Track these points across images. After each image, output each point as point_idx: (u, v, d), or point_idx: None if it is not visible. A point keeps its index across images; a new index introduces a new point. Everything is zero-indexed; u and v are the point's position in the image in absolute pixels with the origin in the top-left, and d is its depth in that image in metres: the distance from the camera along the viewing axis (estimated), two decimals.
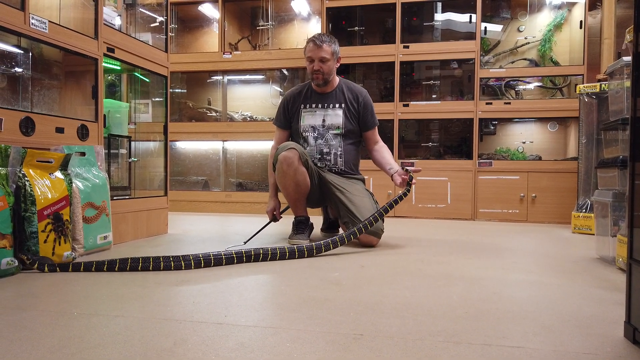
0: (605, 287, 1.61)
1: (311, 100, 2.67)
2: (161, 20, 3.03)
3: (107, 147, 2.52)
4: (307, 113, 2.66)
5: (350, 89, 2.67)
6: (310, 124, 2.64)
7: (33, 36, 1.96)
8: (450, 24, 4.33)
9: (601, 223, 2.17)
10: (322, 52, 2.53)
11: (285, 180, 2.45)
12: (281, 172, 2.44)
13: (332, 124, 2.62)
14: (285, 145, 2.46)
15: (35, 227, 1.75)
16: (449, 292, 1.50)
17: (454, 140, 4.42)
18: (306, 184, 2.48)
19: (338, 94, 2.66)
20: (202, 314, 1.23)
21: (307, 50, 2.59)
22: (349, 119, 2.62)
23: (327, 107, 2.64)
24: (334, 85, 2.66)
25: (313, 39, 2.57)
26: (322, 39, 2.55)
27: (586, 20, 3.92)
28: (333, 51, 2.56)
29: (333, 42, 2.58)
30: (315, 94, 2.67)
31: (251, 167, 4.79)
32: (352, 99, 2.64)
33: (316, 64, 2.55)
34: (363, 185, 2.66)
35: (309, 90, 2.69)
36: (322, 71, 2.55)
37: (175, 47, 4.92)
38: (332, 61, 2.57)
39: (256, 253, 1.94)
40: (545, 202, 3.90)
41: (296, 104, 2.69)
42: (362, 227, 2.24)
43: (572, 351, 1.00)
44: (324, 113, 2.63)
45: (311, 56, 2.56)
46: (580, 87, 3.25)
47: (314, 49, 2.55)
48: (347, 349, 1.00)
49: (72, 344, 1.01)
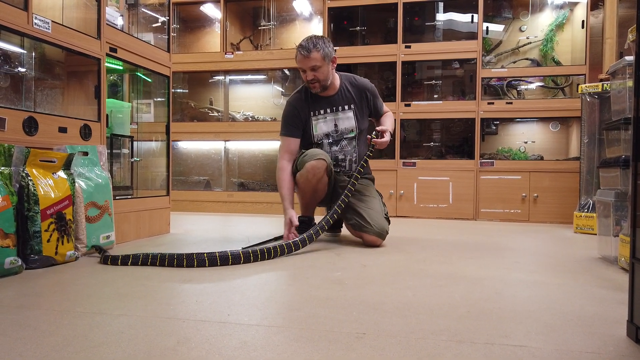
0: (608, 287, 1.61)
1: (319, 106, 2.54)
2: (163, 20, 3.04)
3: (110, 147, 2.52)
4: (318, 121, 2.54)
5: (353, 85, 2.58)
6: (324, 131, 2.54)
7: (36, 36, 1.96)
8: (452, 24, 4.33)
9: (603, 223, 2.17)
10: (311, 60, 2.38)
11: (306, 187, 2.42)
12: (304, 179, 2.39)
13: (345, 128, 2.54)
14: (315, 154, 2.37)
15: (38, 226, 1.75)
16: (451, 291, 1.50)
17: (455, 140, 4.42)
18: (324, 192, 2.49)
19: (344, 93, 2.55)
20: (205, 312, 1.24)
21: (297, 60, 2.44)
22: (361, 118, 2.57)
23: (337, 111, 2.54)
24: (336, 87, 2.54)
25: (299, 47, 2.41)
26: (309, 47, 2.37)
27: (588, 19, 3.92)
28: (323, 55, 2.39)
29: (322, 45, 2.39)
30: (321, 98, 2.55)
31: (253, 167, 4.80)
32: (359, 94, 2.56)
33: (309, 74, 2.41)
34: (373, 186, 2.63)
35: (312, 95, 2.54)
36: (317, 79, 2.42)
37: (177, 47, 4.93)
38: (325, 66, 2.41)
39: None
40: (547, 202, 3.90)
41: (304, 111, 2.54)
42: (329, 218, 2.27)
43: (574, 350, 1.01)
44: (335, 117, 2.54)
45: (301, 67, 2.42)
46: (582, 86, 3.25)
47: (301, 59, 2.40)
48: (350, 347, 1.00)
49: (76, 342, 1.01)
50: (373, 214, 2.39)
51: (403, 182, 4.15)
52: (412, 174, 4.14)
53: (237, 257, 1.88)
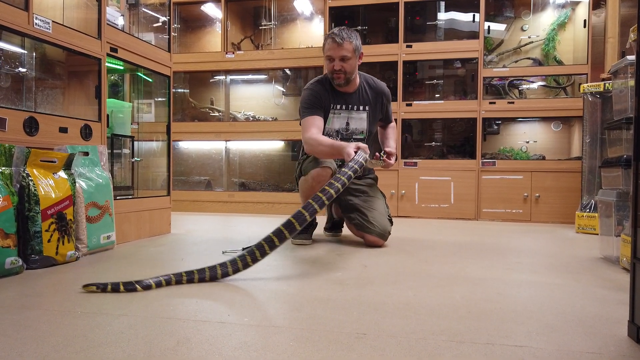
0: (609, 287, 1.60)
1: (337, 101, 2.48)
2: (164, 20, 3.04)
3: (110, 147, 2.52)
4: (334, 115, 2.49)
5: (372, 88, 2.52)
6: (335, 127, 2.50)
7: (37, 36, 1.96)
8: (453, 23, 4.32)
9: (605, 223, 2.17)
10: (343, 50, 2.33)
11: (308, 192, 2.36)
12: (308, 186, 2.37)
13: (356, 128, 2.50)
14: (321, 162, 2.33)
15: (39, 226, 1.75)
16: (452, 291, 1.49)
17: (457, 140, 4.42)
18: None
19: (362, 94, 2.50)
20: (205, 313, 1.23)
21: (325, 48, 2.39)
22: (373, 122, 2.53)
23: (352, 110, 2.49)
24: (356, 84, 2.48)
25: (332, 35, 2.36)
26: (342, 36, 2.33)
27: (590, 19, 3.91)
28: (355, 47, 2.35)
29: (354, 38, 2.37)
30: (339, 94, 2.47)
31: (254, 167, 4.80)
32: (375, 98, 2.51)
33: (337, 64, 2.35)
34: (377, 186, 2.62)
35: (332, 88, 2.47)
36: (344, 70, 2.36)
37: (178, 47, 4.93)
38: (354, 59, 2.36)
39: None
40: (549, 201, 3.89)
41: (327, 100, 2.46)
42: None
43: (575, 350, 1.00)
44: (348, 116, 2.49)
45: (331, 55, 2.35)
46: (584, 86, 3.24)
47: (333, 47, 2.34)
48: (350, 348, 1.00)
49: (76, 342, 1.01)
50: (376, 214, 2.39)
51: (404, 182, 4.15)
52: (413, 174, 4.14)
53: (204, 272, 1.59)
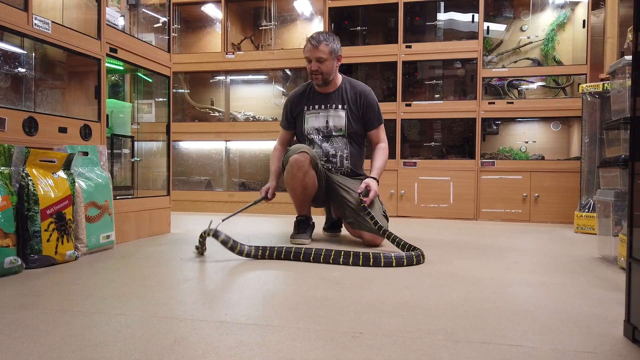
0: (607, 287, 1.60)
1: (314, 101, 2.64)
2: (164, 20, 3.05)
3: (110, 147, 2.53)
4: (311, 115, 2.63)
5: (353, 88, 2.62)
6: (314, 126, 2.62)
7: (36, 37, 1.97)
8: (452, 24, 4.33)
9: (603, 223, 2.17)
10: (319, 52, 2.49)
11: (294, 182, 2.44)
12: (291, 175, 2.42)
13: (335, 125, 2.59)
14: (297, 148, 2.42)
15: (38, 226, 1.76)
16: (450, 291, 1.50)
17: (456, 140, 4.42)
18: (314, 187, 2.49)
19: (341, 93, 2.62)
20: (203, 312, 1.24)
21: (304, 50, 2.56)
22: (353, 120, 2.59)
23: (330, 108, 2.60)
24: (336, 85, 2.62)
25: (310, 38, 2.54)
26: (319, 39, 2.50)
27: (589, 19, 3.91)
28: (331, 50, 2.51)
29: (331, 41, 2.52)
30: (318, 95, 2.64)
31: (254, 167, 4.80)
32: (354, 98, 2.60)
33: (314, 65, 2.52)
34: None
35: (311, 91, 2.66)
36: (321, 71, 2.52)
37: (178, 48, 4.94)
38: (330, 60, 2.52)
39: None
40: (548, 201, 3.90)
41: (300, 105, 2.66)
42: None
43: (571, 350, 1.00)
44: (327, 114, 2.61)
45: (308, 56, 2.53)
46: (583, 86, 3.24)
47: (310, 49, 2.51)
48: (346, 347, 1.01)
49: (73, 341, 1.02)
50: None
51: (404, 182, 4.15)
52: (413, 174, 4.14)
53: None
